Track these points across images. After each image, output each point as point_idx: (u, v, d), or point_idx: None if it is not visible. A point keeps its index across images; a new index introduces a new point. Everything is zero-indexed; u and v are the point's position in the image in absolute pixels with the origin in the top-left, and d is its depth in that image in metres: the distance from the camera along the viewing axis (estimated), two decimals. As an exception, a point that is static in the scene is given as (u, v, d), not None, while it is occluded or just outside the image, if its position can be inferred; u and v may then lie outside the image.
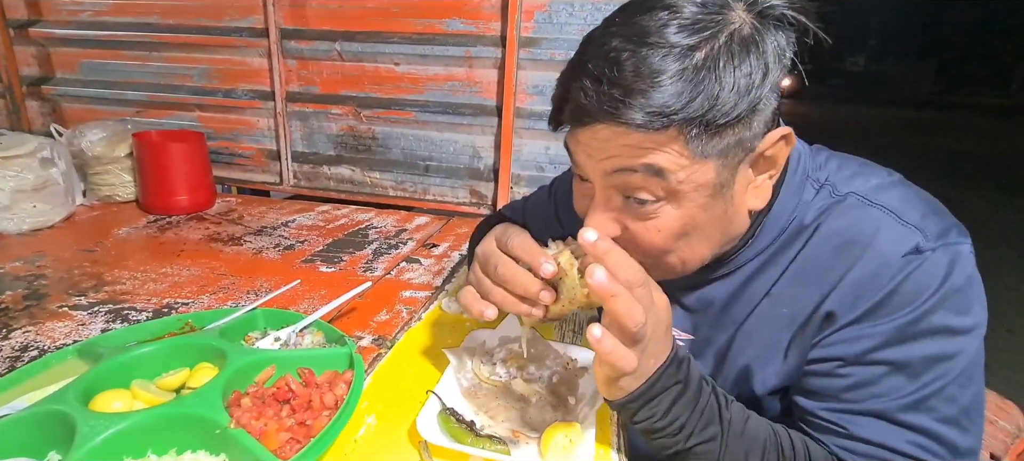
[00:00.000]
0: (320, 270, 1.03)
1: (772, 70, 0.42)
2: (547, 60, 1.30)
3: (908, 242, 0.47)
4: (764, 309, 0.55)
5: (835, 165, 0.55)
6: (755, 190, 0.50)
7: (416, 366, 0.71)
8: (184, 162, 1.33)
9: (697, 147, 0.43)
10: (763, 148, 0.46)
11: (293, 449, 0.50)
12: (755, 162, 0.47)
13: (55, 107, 1.70)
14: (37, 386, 0.58)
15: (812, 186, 0.53)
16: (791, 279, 0.53)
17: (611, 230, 0.50)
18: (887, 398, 0.47)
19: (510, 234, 0.55)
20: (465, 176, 1.48)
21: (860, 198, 0.50)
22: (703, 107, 0.41)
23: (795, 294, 0.52)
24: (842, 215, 0.50)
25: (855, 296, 0.48)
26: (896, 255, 0.47)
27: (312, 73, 1.49)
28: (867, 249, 0.48)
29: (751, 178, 0.49)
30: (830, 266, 0.50)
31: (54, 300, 0.85)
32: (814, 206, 0.52)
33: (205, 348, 0.63)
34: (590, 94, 0.43)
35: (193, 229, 1.23)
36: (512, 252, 0.54)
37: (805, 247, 0.52)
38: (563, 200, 0.82)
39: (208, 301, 0.87)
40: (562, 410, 0.61)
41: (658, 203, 0.46)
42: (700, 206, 0.46)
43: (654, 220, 0.47)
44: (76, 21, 1.59)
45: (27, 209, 1.15)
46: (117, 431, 0.48)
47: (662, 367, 0.47)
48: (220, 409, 0.52)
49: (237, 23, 1.49)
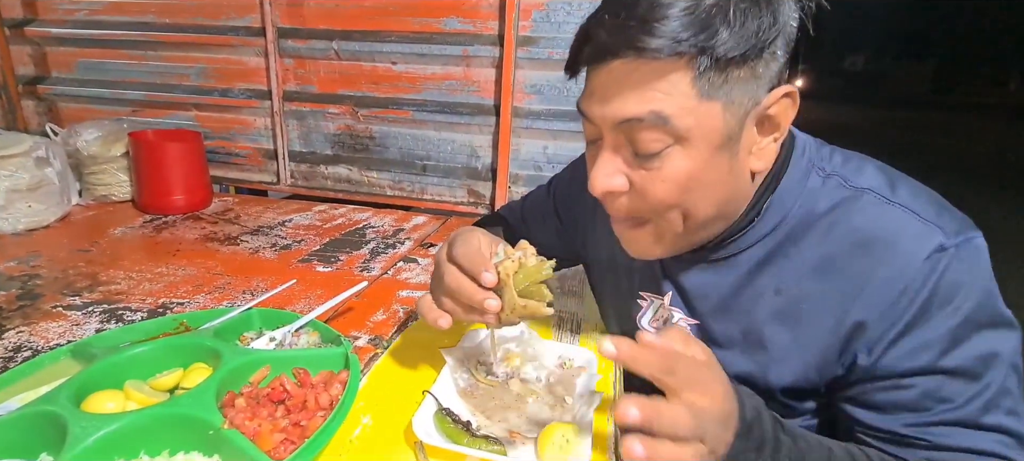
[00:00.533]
0: (317, 270, 1.02)
1: (780, 19, 0.44)
2: (545, 59, 1.30)
3: (932, 240, 0.47)
4: (778, 304, 0.55)
5: (840, 159, 0.55)
6: (759, 151, 0.50)
7: (412, 366, 0.71)
8: (180, 161, 1.32)
9: (704, 85, 0.44)
10: (768, 103, 0.47)
11: (287, 450, 0.50)
12: (760, 121, 0.48)
13: (51, 106, 1.69)
14: (30, 387, 0.57)
15: (817, 174, 0.54)
16: (808, 275, 0.53)
17: (618, 181, 0.50)
18: (960, 405, 0.48)
19: (458, 242, 0.57)
20: (463, 176, 1.48)
21: (878, 195, 0.51)
22: (713, 39, 0.42)
23: (813, 292, 0.52)
24: (861, 212, 0.51)
25: (890, 302, 0.48)
26: (921, 255, 0.47)
27: (309, 72, 1.49)
28: (891, 249, 0.48)
29: (756, 139, 0.50)
30: (853, 266, 0.50)
31: (48, 300, 0.84)
32: (825, 196, 0.52)
33: (199, 348, 0.63)
34: (609, 27, 0.45)
35: (189, 229, 1.22)
36: (457, 261, 0.56)
37: (823, 242, 0.52)
38: (562, 196, 0.82)
39: (204, 301, 0.87)
40: (559, 410, 0.61)
41: (666, 149, 0.47)
42: (706, 157, 0.47)
43: (660, 169, 0.48)
44: (72, 20, 1.58)
45: (22, 209, 1.14)
46: (109, 432, 0.47)
47: (733, 443, 0.44)
48: (214, 410, 0.52)
49: (234, 22, 1.48)
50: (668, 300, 0.64)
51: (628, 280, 0.69)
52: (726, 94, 0.45)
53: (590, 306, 0.93)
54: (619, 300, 0.71)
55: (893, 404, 0.50)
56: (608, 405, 0.65)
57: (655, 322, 0.66)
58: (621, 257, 0.68)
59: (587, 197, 0.76)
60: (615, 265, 0.71)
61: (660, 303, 0.65)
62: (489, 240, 0.60)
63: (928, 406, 0.49)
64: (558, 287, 1.00)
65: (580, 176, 0.78)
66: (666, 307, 0.64)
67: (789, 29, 0.46)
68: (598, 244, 0.75)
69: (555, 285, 0.58)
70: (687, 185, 0.48)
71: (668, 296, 0.64)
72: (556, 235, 0.82)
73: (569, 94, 1.32)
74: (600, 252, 0.74)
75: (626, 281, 0.69)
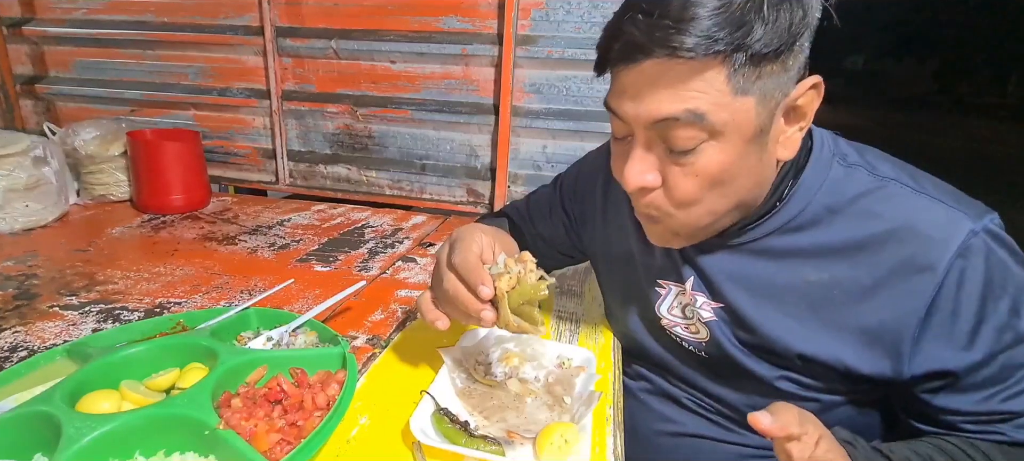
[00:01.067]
0: (315, 269, 1.02)
1: (809, 13, 0.45)
2: (544, 58, 1.29)
3: (963, 225, 0.49)
4: (806, 289, 0.56)
5: (855, 150, 0.57)
6: (786, 141, 0.51)
7: (410, 366, 0.71)
8: (179, 161, 1.32)
9: (739, 81, 0.44)
10: (796, 95, 0.48)
11: (284, 450, 0.50)
12: (788, 112, 0.50)
13: (49, 106, 1.69)
14: (25, 387, 0.57)
15: (840, 163, 0.55)
16: (839, 261, 0.54)
17: (650, 177, 0.51)
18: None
19: (459, 247, 0.57)
20: (462, 175, 1.47)
21: (903, 185, 0.53)
22: (747, 36, 0.43)
23: (844, 278, 0.53)
24: (890, 200, 0.52)
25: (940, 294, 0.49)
26: (956, 243, 0.49)
27: (308, 71, 1.49)
28: (926, 238, 0.50)
29: (784, 129, 0.51)
30: (887, 254, 0.51)
31: (45, 300, 0.84)
32: (851, 185, 0.54)
33: (196, 348, 0.62)
34: (641, 27, 0.45)
35: (188, 228, 1.22)
36: (455, 270, 0.56)
37: (852, 228, 0.53)
38: (569, 193, 0.82)
39: (201, 301, 0.86)
40: (558, 410, 0.60)
41: (700, 145, 0.47)
42: (739, 151, 0.48)
43: (693, 164, 0.48)
44: (70, 19, 1.57)
45: (19, 208, 1.14)
46: (104, 432, 0.47)
47: None
48: (209, 410, 0.51)
49: (232, 21, 1.48)
50: (690, 285, 0.64)
51: (645, 270, 0.69)
52: (759, 89, 0.46)
53: (589, 306, 0.92)
54: (635, 291, 0.72)
55: (980, 384, 0.51)
56: (607, 405, 0.65)
57: (674, 309, 0.67)
58: (637, 248, 0.70)
59: (596, 193, 0.78)
60: (629, 257, 0.71)
61: (681, 289, 0.66)
62: (491, 241, 0.60)
63: (1008, 376, 0.50)
64: (558, 287, 0.99)
65: (587, 172, 0.80)
66: (688, 293, 0.64)
67: (814, 21, 0.46)
68: (608, 238, 0.75)
69: (554, 288, 0.58)
70: (720, 178, 0.49)
71: (689, 281, 0.64)
72: (563, 229, 0.83)
73: (568, 93, 1.32)
74: (611, 246, 0.75)
75: (643, 271, 0.70)
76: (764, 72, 0.45)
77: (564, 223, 0.82)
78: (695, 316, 0.64)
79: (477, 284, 0.54)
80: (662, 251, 0.66)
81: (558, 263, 0.90)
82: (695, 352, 0.66)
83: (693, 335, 0.65)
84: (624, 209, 0.72)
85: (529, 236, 0.87)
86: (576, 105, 1.32)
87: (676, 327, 0.67)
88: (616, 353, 0.78)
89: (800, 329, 0.56)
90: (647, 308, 0.70)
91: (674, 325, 0.67)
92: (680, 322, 0.66)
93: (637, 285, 0.71)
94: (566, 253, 0.86)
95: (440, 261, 0.60)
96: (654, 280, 0.68)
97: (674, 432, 0.70)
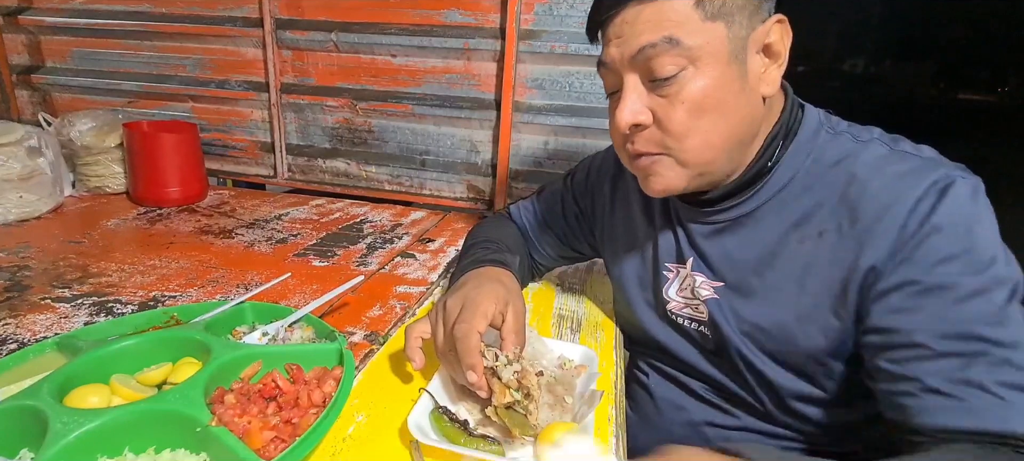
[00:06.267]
0: (313, 264, 1.00)
1: None
2: (547, 53, 1.28)
3: (934, 171, 0.50)
4: (800, 254, 0.57)
5: (844, 123, 0.60)
6: (766, 77, 0.55)
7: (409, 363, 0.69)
8: (176, 153, 1.30)
9: (706, 7, 0.50)
10: (765, 30, 0.53)
11: (278, 448, 0.48)
12: (763, 49, 0.54)
13: (45, 96, 1.67)
14: (14, 380, 0.56)
15: (827, 132, 0.58)
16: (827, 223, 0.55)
17: (642, 114, 0.55)
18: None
19: (464, 317, 0.57)
20: (462, 171, 1.46)
21: (882, 143, 0.56)
22: None
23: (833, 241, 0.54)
24: (866, 158, 0.54)
25: (898, 231, 0.50)
26: (926, 182, 0.50)
27: (307, 64, 1.47)
28: (894, 186, 0.51)
29: (762, 65, 0.55)
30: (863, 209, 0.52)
31: (37, 292, 0.82)
32: (834, 149, 0.57)
33: (189, 342, 0.61)
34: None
35: (184, 221, 1.20)
36: (454, 337, 0.56)
37: (835, 191, 0.55)
38: (580, 187, 0.84)
39: (197, 294, 0.85)
40: (559, 409, 0.59)
41: (680, 72, 0.52)
42: (718, 75, 0.52)
43: (679, 93, 0.52)
44: (67, 9, 1.55)
45: (13, 199, 1.12)
46: (92, 428, 0.46)
47: None
48: (202, 406, 0.50)
49: (231, 12, 1.46)
50: (690, 265, 0.66)
51: (653, 254, 0.71)
52: (726, 15, 0.51)
53: (590, 305, 0.91)
54: (644, 278, 0.73)
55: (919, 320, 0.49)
56: (609, 404, 0.64)
57: (682, 291, 0.68)
58: (644, 235, 0.72)
59: (605, 188, 0.80)
60: (637, 245, 0.74)
61: (685, 270, 0.67)
62: (503, 307, 0.60)
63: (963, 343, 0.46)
64: (558, 285, 0.98)
65: (597, 168, 0.82)
66: (689, 273, 0.66)
67: None
68: (616, 227, 0.77)
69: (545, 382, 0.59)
70: (704, 103, 0.52)
71: (690, 261, 0.66)
72: (576, 222, 0.85)
73: (571, 89, 1.31)
74: (620, 237, 0.77)
75: (650, 255, 0.72)
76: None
77: (576, 216, 0.84)
78: (697, 297, 0.65)
79: (466, 368, 0.54)
80: (666, 234, 0.69)
81: (566, 262, 0.92)
82: (697, 336, 0.68)
83: (698, 315, 0.66)
84: (632, 199, 0.75)
85: (536, 238, 0.88)
86: (579, 101, 1.31)
87: (683, 309, 0.68)
88: (618, 351, 0.77)
89: (787, 300, 0.58)
90: (655, 293, 0.71)
91: (682, 308, 0.68)
92: (684, 304, 0.68)
93: (646, 272, 0.73)
94: (576, 249, 0.88)
95: (446, 306, 0.61)
96: (661, 263, 0.70)
97: (687, 421, 0.71)
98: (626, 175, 0.76)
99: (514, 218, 0.91)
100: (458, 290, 0.63)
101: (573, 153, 1.35)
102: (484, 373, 0.54)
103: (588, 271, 1.08)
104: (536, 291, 0.95)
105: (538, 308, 0.88)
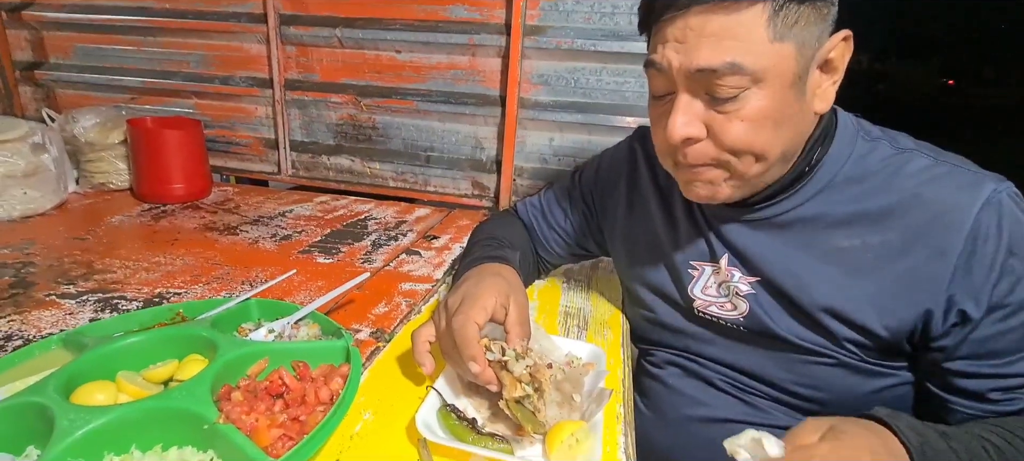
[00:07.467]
0: (317, 261, 1.00)
1: None
2: (553, 49, 1.27)
3: (986, 185, 0.52)
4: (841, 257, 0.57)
5: (877, 128, 0.61)
6: (822, 93, 0.54)
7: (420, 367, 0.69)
8: (179, 150, 1.29)
9: (777, 26, 0.47)
10: (830, 46, 0.51)
11: (285, 446, 0.48)
12: (822, 65, 0.52)
13: (49, 92, 1.67)
14: (19, 377, 0.55)
15: (864, 138, 0.59)
16: (870, 228, 0.56)
17: (696, 128, 0.53)
18: None
19: (462, 309, 0.57)
20: (467, 167, 1.45)
21: (924, 155, 0.56)
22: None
23: (875, 244, 0.56)
24: (912, 168, 0.55)
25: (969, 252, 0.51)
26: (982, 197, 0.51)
27: (312, 60, 1.46)
28: (956, 199, 0.52)
29: (819, 81, 0.54)
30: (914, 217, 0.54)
31: (42, 288, 0.82)
32: (875, 156, 0.57)
33: (195, 339, 0.61)
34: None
35: (188, 218, 1.20)
36: (453, 334, 0.56)
37: (879, 197, 0.56)
38: (589, 186, 0.83)
39: (201, 291, 0.84)
40: (568, 408, 0.58)
41: (743, 92, 0.50)
42: (781, 96, 0.50)
43: (738, 111, 0.51)
44: (70, 4, 1.55)
45: (17, 196, 1.12)
46: (98, 425, 0.45)
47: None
48: (209, 403, 0.49)
49: (235, 8, 1.45)
50: (725, 262, 0.66)
51: (676, 255, 0.71)
52: (796, 36, 0.48)
53: (596, 302, 0.90)
54: (664, 276, 0.73)
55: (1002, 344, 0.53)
56: (617, 403, 0.63)
57: (710, 288, 0.68)
58: (665, 234, 0.72)
59: (620, 185, 0.79)
60: (657, 244, 0.73)
61: (715, 268, 0.67)
62: (504, 301, 0.60)
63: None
64: (564, 283, 0.97)
65: (608, 165, 0.82)
66: (724, 270, 0.66)
67: None
68: (633, 228, 0.76)
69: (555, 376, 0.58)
70: (763, 124, 0.51)
71: (724, 258, 0.66)
72: (584, 219, 0.84)
73: (577, 85, 1.30)
74: (636, 236, 0.76)
75: (673, 256, 0.71)
76: (801, 17, 0.48)
77: (584, 213, 0.84)
78: (732, 292, 0.65)
79: (467, 360, 0.54)
80: (692, 234, 0.69)
81: (573, 260, 0.92)
82: (733, 328, 0.67)
83: (730, 312, 0.66)
84: (650, 199, 0.74)
85: (542, 236, 0.87)
86: (585, 97, 1.30)
87: (711, 306, 0.68)
88: (625, 349, 0.76)
89: (835, 291, 0.58)
90: (679, 291, 0.71)
91: (709, 305, 0.68)
92: (715, 301, 0.67)
93: (666, 271, 0.72)
94: (583, 247, 0.87)
95: (447, 306, 0.60)
96: (687, 263, 0.69)
97: (705, 416, 0.71)
98: (641, 175, 0.75)
99: (520, 215, 0.90)
100: (458, 288, 0.62)
101: (579, 149, 1.34)
102: (492, 367, 0.54)
103: (594, 268, 1.07)
104: (542, 288, 0.94)
105: (544, 305, 0.87)
